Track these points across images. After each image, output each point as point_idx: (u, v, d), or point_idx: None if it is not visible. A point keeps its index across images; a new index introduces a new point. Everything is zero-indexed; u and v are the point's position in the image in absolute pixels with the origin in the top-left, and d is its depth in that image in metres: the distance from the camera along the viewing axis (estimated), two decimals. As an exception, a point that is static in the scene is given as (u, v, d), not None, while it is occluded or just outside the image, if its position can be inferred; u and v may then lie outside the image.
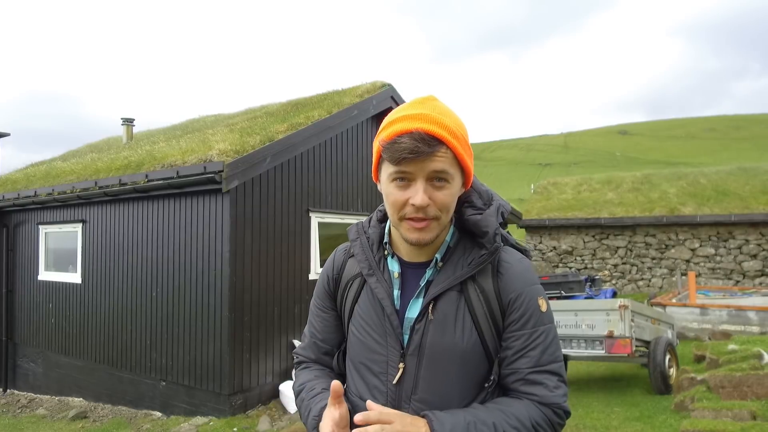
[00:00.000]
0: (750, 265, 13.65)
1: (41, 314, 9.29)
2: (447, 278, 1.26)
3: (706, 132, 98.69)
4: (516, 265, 1.29)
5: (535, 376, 1.23)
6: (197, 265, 6.82)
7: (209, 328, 6.67)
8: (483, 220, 1.27)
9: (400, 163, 1.17)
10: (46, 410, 8.23)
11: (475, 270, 1.26)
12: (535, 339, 1.24)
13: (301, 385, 1.42)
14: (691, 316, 9.61)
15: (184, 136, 9.89)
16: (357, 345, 1.35)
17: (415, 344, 1.26)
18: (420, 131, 1.15)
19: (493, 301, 1.25)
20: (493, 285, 1.26)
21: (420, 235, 1.21)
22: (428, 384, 1.25)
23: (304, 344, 1.51)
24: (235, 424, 6.26)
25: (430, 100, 1.25)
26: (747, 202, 14.23)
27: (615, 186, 17.27)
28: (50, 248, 9.39)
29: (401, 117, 1.20)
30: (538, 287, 1.30)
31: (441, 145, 1.17)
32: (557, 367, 1.26)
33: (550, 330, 1.27)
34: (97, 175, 8.36)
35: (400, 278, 1.32)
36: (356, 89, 9.35)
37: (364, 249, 1.37)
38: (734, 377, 5.35)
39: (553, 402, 1.23)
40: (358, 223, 1.45)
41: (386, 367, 1.28)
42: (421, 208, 1.18)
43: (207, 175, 6.38)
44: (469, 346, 1.24)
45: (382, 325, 1.30)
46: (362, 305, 1.35)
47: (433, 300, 1.26)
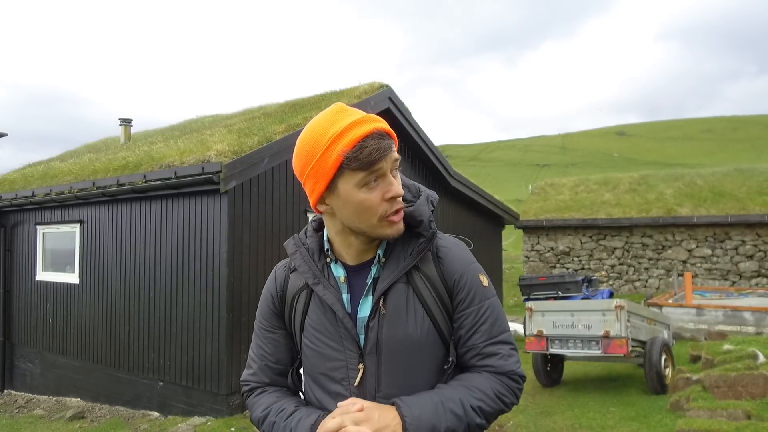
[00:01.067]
0: (746, 266, 13.71)
1: (39, 314, 9.28)
2: (392, 272, 1.29)
3: (703, 133, 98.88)
4: (453, 248, 1.35)
5: (490, 348, 1.30)
6: (195, 266, 6.83)
7: (207, 329, 6.69)
8: (416, 210, 1.30)
9: (373, 164, 1.17)
10: (43, 410, 8.23)
11: (417, 258, 1.29)
12: (483, 314, 1.31)
13: (266, 409, 1.35)
14: (687, 317, 9.65)
15: (182, 136, 9.90)
16: (313, 356, 1.34)
17: (371, 342, 1.27)
18: (377, 130, 1.19)
19: (439, 286, 1.31)
20: (436, 270, 1.31)
21: (399, 226, 1.26)
22: (390, 378, 1.27)
23: (254, 370, 1.44)
24: (233, 424, 6.28)
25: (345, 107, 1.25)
26: (743, 203, 14.29)
27: (612, 187, 17.31)
28: (48, 248, 9.39)
29: (348, 125, 1.19)
30: (476, 265, 1.37)
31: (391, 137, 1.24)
32: (507, 336, 1.33)
33: (494, 303, 1.34)
34: (95, 175, 8.37)
35: (346, 282, 1.33)
36: (354, 90, 9.37)
37: (306, 260, 1.36)
38: (729, 377, 5.39)
39: (509, 369, 1.30)
40: (294, 236, 1.44)
41: (347, 372, 1.29)
42: (398, 197, 1.23)
43: (205, 176, 6.39)
44: (424, 333, 1.28)
45: (336, 330, 1.30)
46: (312, 316, 1.34)
47: (383, 295, 1.28)
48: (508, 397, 1.30)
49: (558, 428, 5.79)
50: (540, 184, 19.91)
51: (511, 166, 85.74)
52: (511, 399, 1.30)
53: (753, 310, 9.19)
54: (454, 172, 10.89)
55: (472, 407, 1.23)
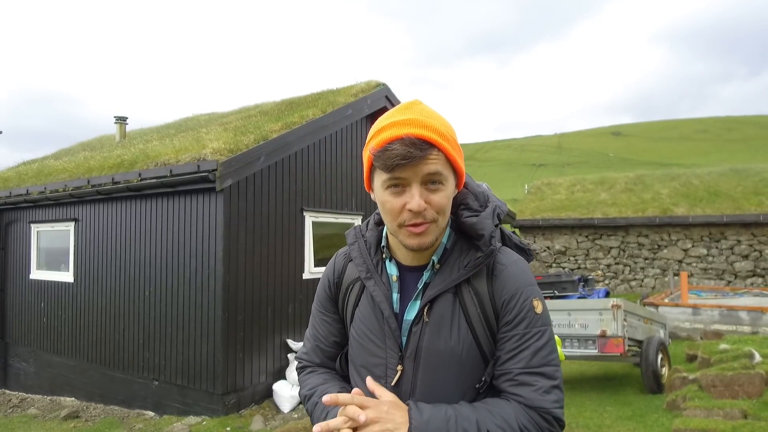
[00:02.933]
0: (741, 266, 13.74)
1: (33, 313, 9.23)
2: (443, 281, 1.26)
3: (698, 133, 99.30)
4: (510, 267, 1.28)
5: (524, 377, 1.20)
6: (190, 264, 6.80)
7: (202, 328, 6.65)
8: (479, 223, 1.26)
9: (393, 170, 1.16)
10: (37, 410, 8.18)
11: (471, 273, 1.25)
12: (527, 340, 1.22)
13: (312, 389, 1.41)
14: (683, 316, 9.66)
15: (177, 134, 9.85)
16: (357, 347, 1.35)
17: (412, 347, 1.26)
18: (410, 136, 1.15)
19: (487, 304, 1.25)
20: (487, 287, 1.26)
21: (420, 240, 1.21)
22: (426, 386, 1.25)
23: (307, 348, 1.50)
24: (229, 423, 6.25)
25: (417, 104, 1.25)
26: (739, 203, 14.33)
27: (608, 186, 17.34)
28: (42, 247, 9.33)
29: (390, 124, 1.19)
30: (533, 288, 1.27)
31: (432, 148, 1.17)
32: (550, 370, 1.22)
33: (543, 332, 1.24)
34: (90, 173, 8.32)
35: (398, 281, 1.32)
36: (351, 89, 9.34)
37: (362, 253, 1.37)
38: (725, 376, 5.39)
39: (540, 406, 1.18)
40: (356, 226, 1.45)
41: (385, 370, 1.29)
42: (419, 213, 1.18)
43: (200, 174, 6.36)
44: (465, 348, 1.24)
45: (381, 328, 1.30)
46: (362, 309, 1.35)
47: (430, 302, 1.26)
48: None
49: (554, 428, 5.78)
50: (536, 183, 19.93)
51: (508, 166, 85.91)
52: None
53: (748, 310, 9.21)
54: (451, 171, 10.90)
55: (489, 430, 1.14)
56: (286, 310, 7.39)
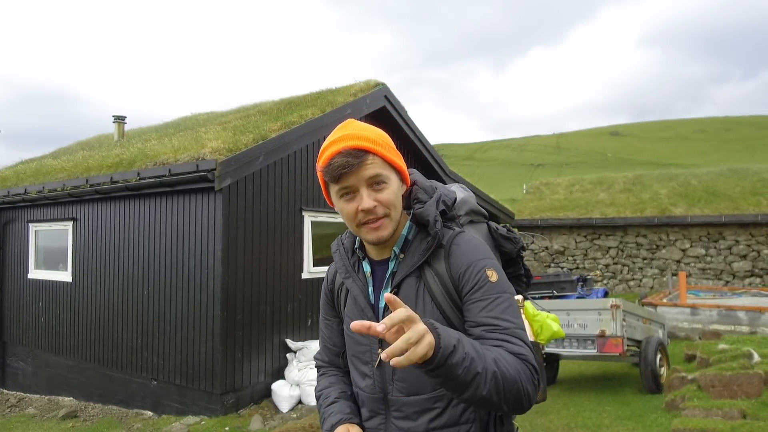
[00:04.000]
0: (740, 266, 13.76)
1: (31, 313, 9.21)
2: (406, 267, 1.43)
3: (696, 133, 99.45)
4: (464, 245, 1.41)
5: (497, 334, 1.27)
6: (189, 264, 6.79)
7: (201, 327, 6.64)
8: (425, 211, 1.41)
9: (339, 180, 1.35)
10: (35, 410, 8.16)
11: (426, 255, 1.40)
12: (488, 305, 1.31)
13: (319, 392, 1.62)
14: (681, 316, 9.68)
15: (176, 134, 9.84)
16: (348, 341, 1.55)
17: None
18: (346, 148, 1.34)
19: (447, 281, 1.38)
20: (444, 266, 1.39)
21: (378, 234, 1.38)
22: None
23: (320, 350, 1.71)
24: (227, 423, 6.24)
25: (350, 122, 1.43)
26: (737, 203, 14.35)
27: (607, 186, 17.35)
28: (40, 246, 9.31)
29: (329, 143, 1.38)
30: (486, 260, 1.38)
31: (367, 154, 1.35)
32: (518, 332, 1.29)
33: (503, 298, 1.32)
34: (89, 172, 8.30)
35: (371, 276, 1.50)
36: (350, 88, 9.33)
37: (342, 257, 1.57)
38: (724, 376, 5.39)
39: (521, 353, 1.25)
40: (339, 237, 1.63)
41: (370, 355, 1.46)
42: (371, 211, 1.35)
43: (199, 174, 6.35)
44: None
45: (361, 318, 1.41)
46: (348, 306, 1.54)
47: (396, 287, 1.42)
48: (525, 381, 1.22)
49: (554, 427, 5.79)
50: (535, 183, 19.95)
51: (506, 166, 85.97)
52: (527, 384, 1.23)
53: (747, 310, 9.22)
54: (450, 171, 10.88)
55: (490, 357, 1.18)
56: (285, 310, 7.38)
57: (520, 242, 1.63)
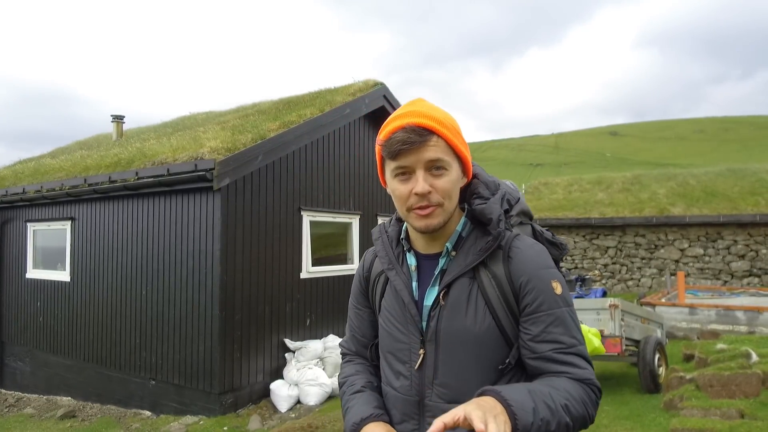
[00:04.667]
0: (738, 266, 13.77)
1: (29, 313, 9.20)
2: (458, 266, 1.32)
3: (695, 133, 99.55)
4: (526, 250, 1.32)
5: (563, 357, 1.24)
6: (188, 264, 6.78)
7: (199, 327, 6.64)
8: (487, 208, 1.32)
9: (396, 157, 1.26)
10: (33, 409, 8.15)
11: (483, 256, 1.31)
12: (554, 321, 1.25)
13: (344, 379, 1.55)
14: (680, 316, 9.67)
15: (174, 133, 9.83)
16: (384, 336, 1.44)
17: (431, 330, 1.32)
18: (410, 124, 1.25)
19: (505, 285, 1.29)
20: (504, 269, 1.30)
21: (426, 221, 1.29)
22: (447, 368, 1.30)
23: (347, 338, 1.63)
24: (226, 423, 6.23)
25: (419, 101, 1.35)
26: (735, 203, 14.35)
27: (605, 186, 17.35)
28: (38, 246, 9.30)
29: (393, 117, 1.31)
30: (551, 271, 1.31)
31: (431, 134, 1.26)
32: (581, 349, 1.26)
33: (566, 313, 1.27)
34: (87, 172, 8.29)
35: (417, 270, 1.39)
36: (349, 88, 9.33)
37: (385, 246, 1.47)
38: (723, 376, 5.39)
39: (585, 377, 1.23)
40: (381, 223, 1.54)
41: (409, 354, 1.36)
42: (424, 196, 1.26)
43: (198, 173, 6.35)
44: (483, 329, 1.28)
45: (403, 315, 1.38)
46: (387, 299, 1.44)
47: (446, 287, 1.32)
48: (590, 407, 1.21)
49: (552, 427, 5.78)
50: (533, 183, 19.94)
51: (505, 166, 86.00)
52: (591, 409, 1.22)
53: (745, 310, 9.22)
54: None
55: (561, 405, 1.15)
56: (284, 310, 7.38)
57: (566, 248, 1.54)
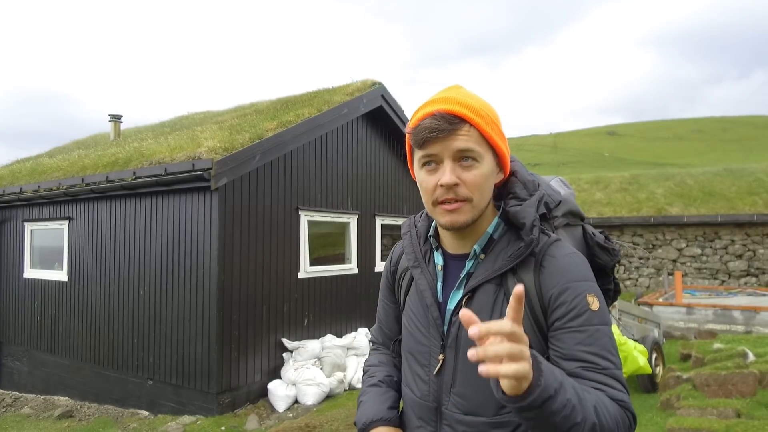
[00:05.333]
0: (735, 265, 13.79)
1: (26, 312, 9.18)
2: (486, 271, 1.23)
3: (693, 133, 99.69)
4: (561, 260, 1.19)
5: (594, 375, 1.10)
6: (185, 263, 6.78)
7: (197, 327, 6.63)
8: (521, 211, 1.22)
9: (424, 145, 1.18)
10: (31, 409, 8.14)
11: (514, 263, 1.20)
12: (587, 339, 1.12)
13: (367, 368, 1.54)
14: (677, 315, 9.69)
15: (172, 133, 9.82)
16: (406, 334, 1.38)
17: (452, 336, 1.25)
18: (441, 111, 1.16)
19: (534, 297, 1.18)
20: (534, 279, 1.19)
21: (452, 217, 1.19)
22: (465, 377, 1.22)
23: (375, 327, 1.60)
24: (223, 423, 6.23)
25: (456, 86, 1.26)
26: (733, 203, 14.38)
27: (603, 186, 17.37)
28: (36, 246, 9.28)
29: (425, 104, 1.22)
30: (588, 283, 1.18)
31: (463, 123, 1.16)
32: (618, 374, 1.12)
33: (602, 331, 1.13)
34: (84, 171, 8.28)
35: (443, 270, 1.31)
36: (347, 87, 9.33)
37: (413, 242, 1.38)
38: (719, 376, 5.40)
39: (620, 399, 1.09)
40: (412, 216, 1.46)
41: (429, 358, 1.29)
42: (451, 188, 1.17)
43: (195, 173, 6.34)
44: None
45: (425, 316, 1.30)
46: (411, 297, 1.37)
47: (471, 292, 1.23)
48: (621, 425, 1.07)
49: (549, 427, 5.78)
50: (532, 183, 19.92)
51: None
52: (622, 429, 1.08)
53: (742, 309, 9.24)
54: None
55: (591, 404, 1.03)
56: (281, 310, 7.38)
57: (619, 254, 1.42)
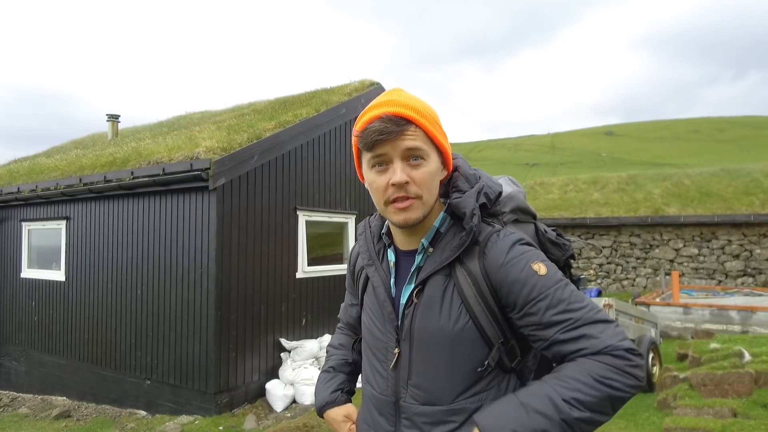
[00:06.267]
0: (732, 265, 13.84)
1: (24, 312, 9.17)
2: (434, 263, 1.27)
3: (690, 133, 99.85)
4: (501, 241, 1.24)
5: (573, 333, 1.13)
6: (183, 263, 6.78)
7: (195, 327, 6.63)
8: (461, 202, 1.26)
9: (373, 147, 1.21)
10: (28, 409, 8.13)
11: (458, 252, 1.24)
12: (549, 305, 1.15)
13: (329, 347, 1.70)
14: (674, 315, 9.72)
15: (170, 133, 9.81)
16: (365, 331, 1.42)
17: (406, 329, 1.28)
18: (387, 114, 1.20)
19: (482, 283, 1.22)
20: (479, 266, 1.23)
21: (405, 215, 1.23)
22: (420, 368, 1.26)
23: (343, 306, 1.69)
24: (221, 422, 6.23)
25: (397, 90, 1.30)
26: (730, 203, 14.42)
27: (601, 186, 17.41)
28: (33, 245, 9.27)
29: (370, 108, 1.25)
30: (527, 255, 1.21)
31: (409, 124, 1.21)
32: (592, 315, 1.14)
33: (559, 289, 1.17)
34: (82, 171, 8.27)
35: (395, 266, 1.35)
36: (344, 88, 9.34)
37: (367, 241, 1.44)
38: (716, 375, 5.42)
39: (605, 345, 1.10)
40: (367, 218, 1.51)
41: (386, 353, 1.33)
42: (402, 186, 1.21)
43: (193, 173, 6.34)
44: (459, 329, 1.22)
45: (381, 312, 1.35)
46: (368, 295, 1.41)
47: (421, 284, 1.27)
48: (615, 379, 1.08)
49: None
50: (529, 183, 19.98)
51: (501, 165, 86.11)
52: (620, 379, 1.08)
53: (739, 309, 9.28)
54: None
55: (565, 400, 1.07)
56: (280, 309, 7.38)
57: (570, 250, 1.45)
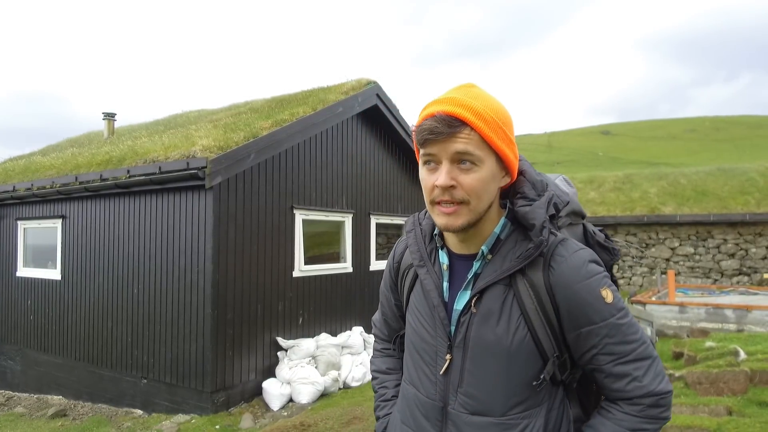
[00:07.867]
0: (728, 264, 13.89)
1: (20, 311, 9.14)
2: (494, 271, 1.23)
3: (686, 133, 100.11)
4: (570, 258, 1.20)
5: (620, 368, 1.17)
6: (179, 262, 6.77)
7: (191, 326, 6.63)
8: (531, 212, 1.21)
9: (424, 145, 1.18)
10: (24, 408, 8.10)
11: (522, 264, 1.20)
12: (607, 334, 1.17)
13: (377, 374, 1.60)
14: (670, 314, 9.75)
15: (166, 131, 9.79)
16: (411, 332, 1.38)
17: (460, 337, 1.26)
18: (441, 113, 1.15)
19: (544, 296, 1.19)
20: (543, 279, 1.19)
21: (448, 221, 1.19)
22: (473, 378, 1.24)
23: (379, 319, 1.63)
24: (218, 421, 6.23)
25: (467, 86, 1.24)
26: (726, 203, 14.47)
27: (597, 185, 17.44)
28: (29, 244, 9.24)
29: (430, 103, 1.21)
30: (598, 278, 1.19)
31: (463, 126, 1.15)
32: (641, 352, 1.18)
33: (621, 319, 1.19)
34: (78, 170, 8.25)
35: (449, 270, 1.31)
36: (341, 86, 9.32)
37: (417, 240, 1.38)
38: (711, 374, 5.45)
39: (644, 393, 1.16)
40: (416, 214, 1.46)
41: (435, 357, 1.30)
42: (446, 190, 1.17)
43: (190, 171, 6.33)
44: (517, 341, 1.20)
45: (432, 315, 1.31)
46: (416, 295, 1.37)
47: (479, 293, 1.23)
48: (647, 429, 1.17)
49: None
50: (526, 182, 19.97)
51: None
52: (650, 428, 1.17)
53: (734, 308, 9.31)
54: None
55: None
56: (276, 308, 7.38)
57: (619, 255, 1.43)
